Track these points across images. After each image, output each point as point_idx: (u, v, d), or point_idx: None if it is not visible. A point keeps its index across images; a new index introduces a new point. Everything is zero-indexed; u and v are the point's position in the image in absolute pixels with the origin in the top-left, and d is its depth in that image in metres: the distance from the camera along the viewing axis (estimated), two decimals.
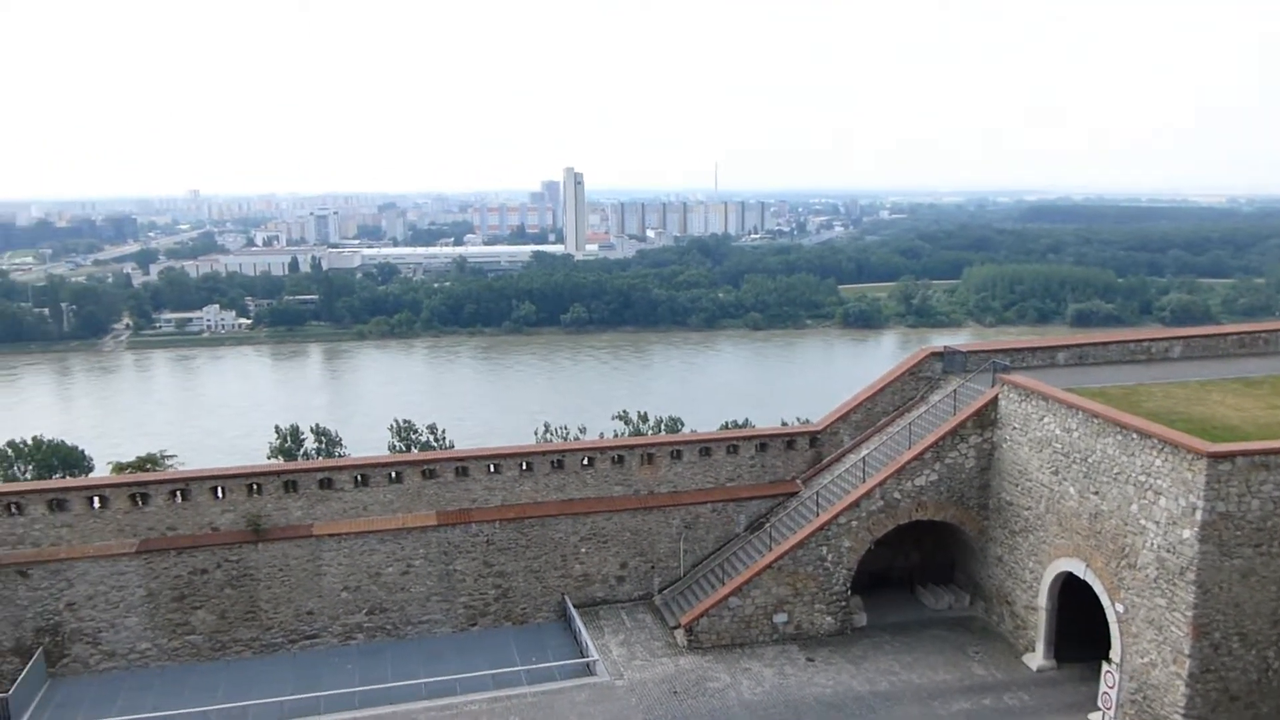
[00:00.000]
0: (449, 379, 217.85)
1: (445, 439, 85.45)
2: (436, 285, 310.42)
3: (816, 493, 40.34)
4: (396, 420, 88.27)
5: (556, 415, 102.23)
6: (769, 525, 40.73)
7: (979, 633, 38.94)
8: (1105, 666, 31.73)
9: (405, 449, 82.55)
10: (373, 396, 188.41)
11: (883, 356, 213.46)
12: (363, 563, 38.69)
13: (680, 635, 38.15)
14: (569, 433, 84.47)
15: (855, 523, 38.13)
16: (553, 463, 40.77)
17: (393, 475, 39.23)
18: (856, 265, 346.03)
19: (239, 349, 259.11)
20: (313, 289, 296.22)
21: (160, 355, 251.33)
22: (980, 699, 33.91)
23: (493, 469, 40.17)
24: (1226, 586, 28.04)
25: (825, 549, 38.10)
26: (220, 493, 37.63)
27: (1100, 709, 32.03)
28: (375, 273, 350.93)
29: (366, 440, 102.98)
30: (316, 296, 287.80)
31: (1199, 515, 27.60)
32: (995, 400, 37.88)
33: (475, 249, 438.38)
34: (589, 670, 36.10)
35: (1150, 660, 29.88)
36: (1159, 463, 29.11)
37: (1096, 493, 32.04)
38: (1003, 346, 44.43)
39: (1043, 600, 35.51)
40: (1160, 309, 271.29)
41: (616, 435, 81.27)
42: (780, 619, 38.27)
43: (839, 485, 40.32)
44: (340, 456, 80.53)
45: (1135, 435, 30.07)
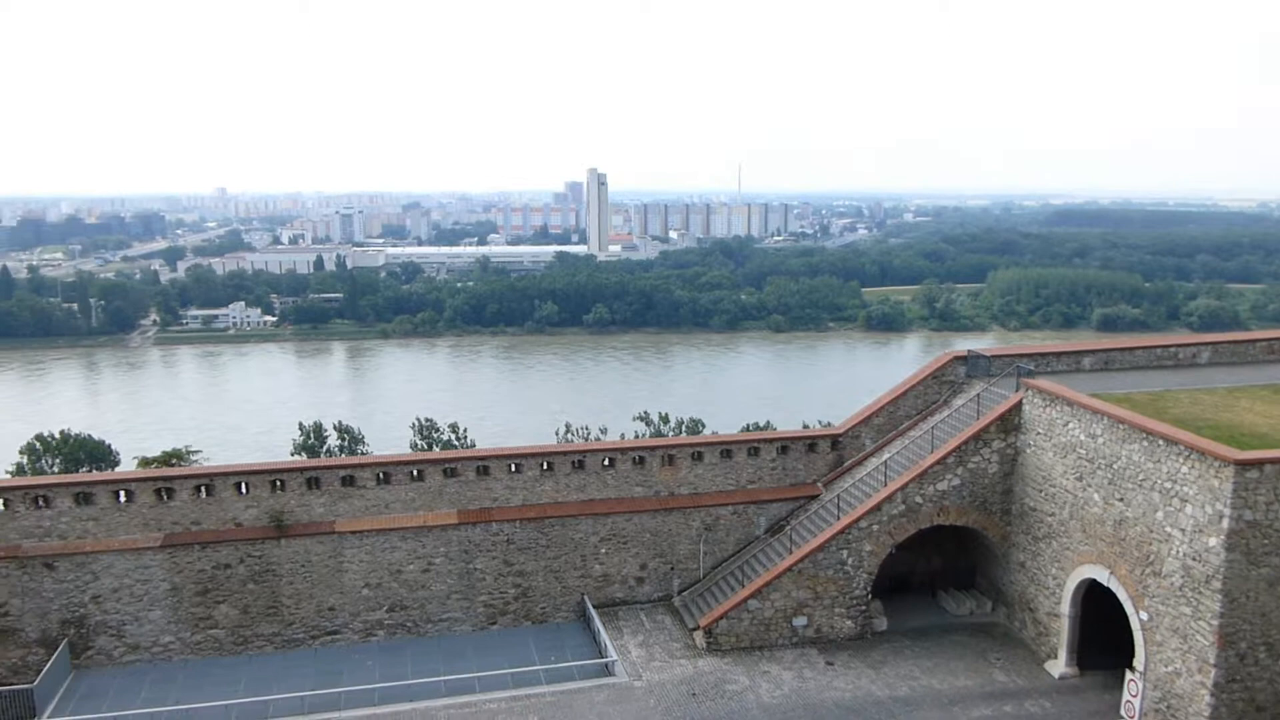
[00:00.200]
0: (471, 378, 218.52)
1: (467, 438, 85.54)
2: (460, 285, 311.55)
3: (838, 496, 40.17)
4: (418, 419, 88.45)
5: (578, 415, 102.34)
6: (789, 528, 40.59)
7: (1000, 639, 38.66)
8: (1129, 675, 31.45)
9: (427, 447, 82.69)
10: (395, 395, 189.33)
11: (905, 360, 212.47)
12: (384, 560, 38.90)
13: (699, 637, 38.09)
14: (590, 433, 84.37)
15: (876, 527, 37.95)
16: (574, 463, 40.83)
17: (414, 473, 39.41)
18: (880, 268, 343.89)
19: (264, 346, 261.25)
20: (337, 287, 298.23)
21: (186, 351, 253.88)
22: (1001, 705, 33.66)
23: (514, 468, 40.28)
24: (1253, 595, 27.70)
25: (846, 552, 37.93)
26: (244, 488, 37.92)
27: (1123, 717, 31.74)
28: (399, 272, 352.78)
29: (388, 438, 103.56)
30: (341, 295, 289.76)
31: (1225, 523, 27.28)
32: (1019, 405, 37.61)
33: (499, 249, 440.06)
34: (608, 671, 36.11)
35: (1175, 669, 29.56)
36: (1185, 469, 28.79)
37: (1121, 499, 31.74)
38: (1027, 351, 44.05)
39: (1065, 607, 35.20)
40: (1188, 314, 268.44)
41: (637, 436, 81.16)
42: (800, 622, 38.14)
43: (860, 489, 40.12)
44: (362, 454, 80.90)
45: (1161, 442, 29.76)
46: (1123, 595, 31.90)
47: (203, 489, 37.64)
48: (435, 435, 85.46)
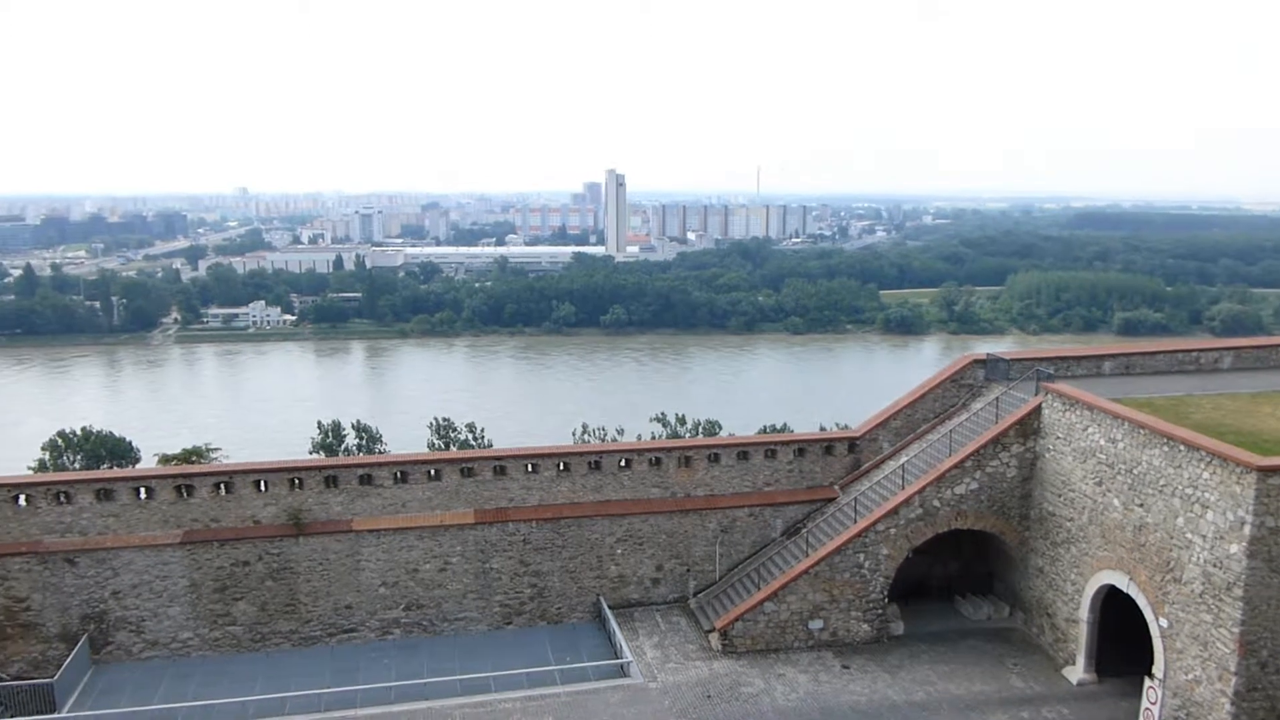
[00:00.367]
0: (488, 378, 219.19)
1: (484, 438, 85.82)
2: (478, 285, 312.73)
3: (855, 499, 40.03)
4: (436, 418, 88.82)
5: (594, 416, 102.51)
6: (806, 531, 40.48)
7: (1018, 644, 38.41)
8: (1147, 682, 31.19)
9: (444, 447, 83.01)
10: (413, 394, 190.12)
11: (924, 363, 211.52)
12: (401, 559, 39.05)
13: (715, 639, 38.04)
14: (606, 434, 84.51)
15: (893, 530, 37.79)
16: (590, 463, 40.85)
17: (432, 473, 39.54)
18: (898, 270, 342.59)
19: (283, 345, 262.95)
20: (356, 287, 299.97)
21: (207, 350, 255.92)
22: (1019, 711, 33.44)
23: (530, 468, 40.34)
24: (1275, 603, 27.40)
25: (863, 556, 37.79)
26: (263, 486, 38.17)
27: None
28: (418, 272, 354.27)
29: (406, 437, 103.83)
30: (360, 294, 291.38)
31: (1248, 530, 27.01)
32: (1038, 409, 37.37)
33: (517, 249, 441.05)
34: (623, 672, 36.10)
35: (1194, 677, 29.30)
36: (1207, 475, 28.54)
37: (1141, 505, 31.48)
38: (1047, 354, 43.80)
39: (1084, 613, 34.94)
40: (1210, 319, 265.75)
41: (654, 437, 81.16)
42: (816, 625, 38.02)
43: (877, 492, 39.98)
44: (380, 453, 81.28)
45: (1182, 447, 29.50)
46: (1142, 601, 31.64)
47: (222, 486, 37.91)
48: (453, 435, 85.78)
